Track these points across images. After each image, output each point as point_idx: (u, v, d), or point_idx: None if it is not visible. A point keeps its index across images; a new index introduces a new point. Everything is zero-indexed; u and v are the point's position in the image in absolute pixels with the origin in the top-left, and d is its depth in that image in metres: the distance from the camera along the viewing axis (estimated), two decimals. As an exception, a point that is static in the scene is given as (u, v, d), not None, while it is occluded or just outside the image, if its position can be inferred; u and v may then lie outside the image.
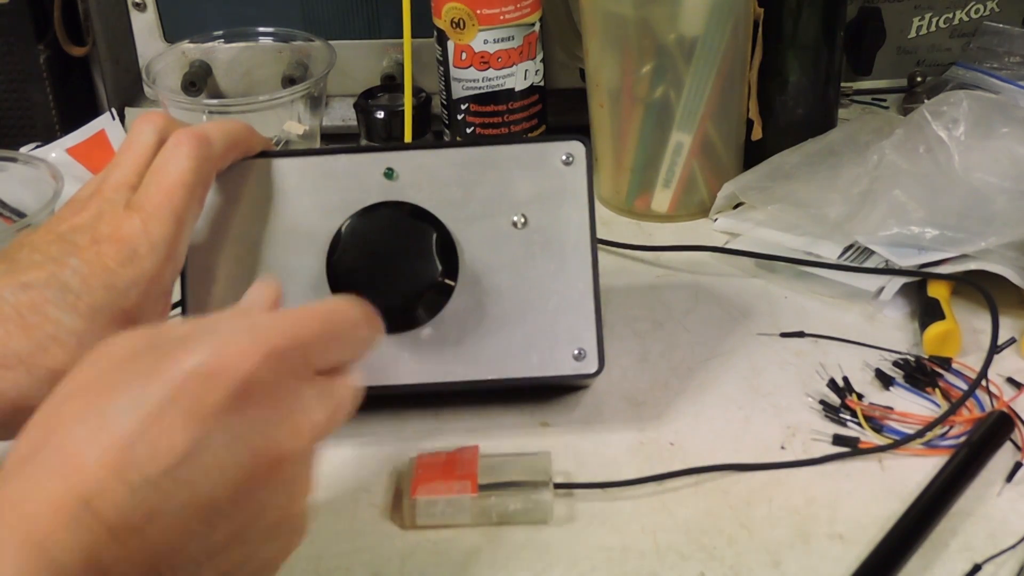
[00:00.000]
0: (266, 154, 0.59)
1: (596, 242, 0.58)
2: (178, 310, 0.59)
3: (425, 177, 0.58)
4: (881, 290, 0.67)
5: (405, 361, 0.58)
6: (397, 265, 0.56)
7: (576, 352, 0.58)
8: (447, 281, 0.57)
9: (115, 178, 0.53)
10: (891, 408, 0.59)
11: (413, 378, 0.58)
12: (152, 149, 0.54)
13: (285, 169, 0.58)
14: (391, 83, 0.84)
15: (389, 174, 0.58)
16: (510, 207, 0.58)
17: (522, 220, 0.58)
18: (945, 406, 0.59)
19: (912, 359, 0.62)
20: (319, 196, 0.58)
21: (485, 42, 0.77)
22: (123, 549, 0.36)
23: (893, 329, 0.65)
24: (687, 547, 0.52)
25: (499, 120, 0.80)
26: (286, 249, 0.58)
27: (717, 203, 0.76)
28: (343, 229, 0.57)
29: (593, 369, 0.58)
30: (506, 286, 0.58)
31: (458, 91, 0.79)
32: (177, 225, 0.52)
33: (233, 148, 0.57)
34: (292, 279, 0.58)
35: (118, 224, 0.51)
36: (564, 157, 0.58)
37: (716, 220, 0.76)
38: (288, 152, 0.60)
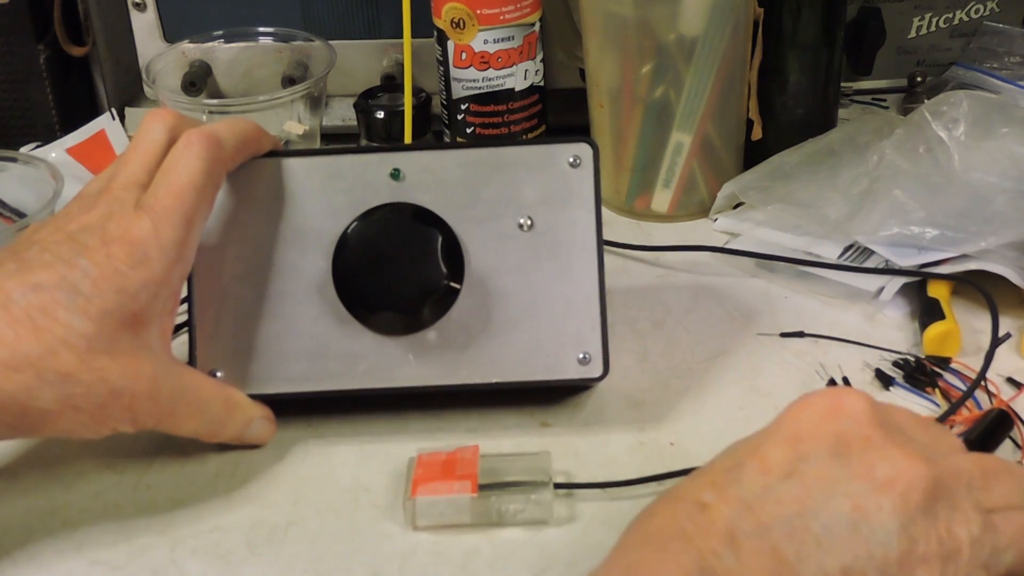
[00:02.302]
0: (275, 153, 0.59)
1: (603, 245, 0.58)
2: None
3: (432, 178, 0.58)
4: (881, 290, 0.67)
5: (410, 363, 0.58)
6: (402, 267, 0.56)
7: (581, 356, 0.58)
8: (452, 284, 0.57)
9: (125, 176, 0.53)
10: (891, 408, 0.59)
11: (417, 380, 0.58)
12: (163, 147, 0.54)
13: (293, 169, 0.58)
14: (391, 83, 0.84)
15: (396, 175, 0.58)
16: (516, 209, 0.58)
17: (528, 222, 0.58)
18: (945, 406, 0.59)
19: (912, 359, 0.62)
20: (326, 196, 0.58)
21: (485, 42, 0.77)
22: None
23: (893, 329, 0.65)
24: (687, 547, 0.51)
25: (499, 120, 0.80)
26: (293, 249, 0.58)
27: (717, 203, 0.76)
28: (349, 230, 0.57)
29: (598, 373, 0.58)
30: (512, 289, 0.58)
31: (458, 91, 0.79)
32: (187, 227, 0.52)
33: (243, 148, 0.57)
34: (298, 279, 0.58)
35: (128, 225, 0.51)
36: (571, 159, 0.58)
37: (716, 220, 0.76)
38: (296, 152, 0.60)
